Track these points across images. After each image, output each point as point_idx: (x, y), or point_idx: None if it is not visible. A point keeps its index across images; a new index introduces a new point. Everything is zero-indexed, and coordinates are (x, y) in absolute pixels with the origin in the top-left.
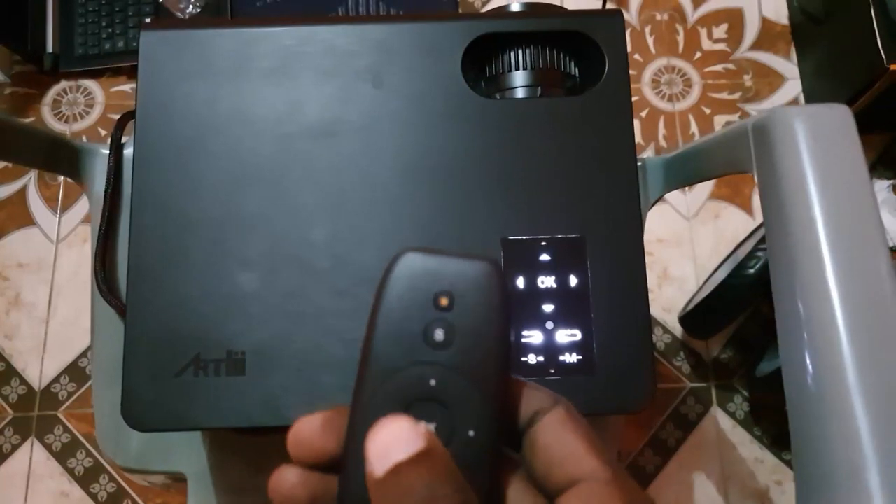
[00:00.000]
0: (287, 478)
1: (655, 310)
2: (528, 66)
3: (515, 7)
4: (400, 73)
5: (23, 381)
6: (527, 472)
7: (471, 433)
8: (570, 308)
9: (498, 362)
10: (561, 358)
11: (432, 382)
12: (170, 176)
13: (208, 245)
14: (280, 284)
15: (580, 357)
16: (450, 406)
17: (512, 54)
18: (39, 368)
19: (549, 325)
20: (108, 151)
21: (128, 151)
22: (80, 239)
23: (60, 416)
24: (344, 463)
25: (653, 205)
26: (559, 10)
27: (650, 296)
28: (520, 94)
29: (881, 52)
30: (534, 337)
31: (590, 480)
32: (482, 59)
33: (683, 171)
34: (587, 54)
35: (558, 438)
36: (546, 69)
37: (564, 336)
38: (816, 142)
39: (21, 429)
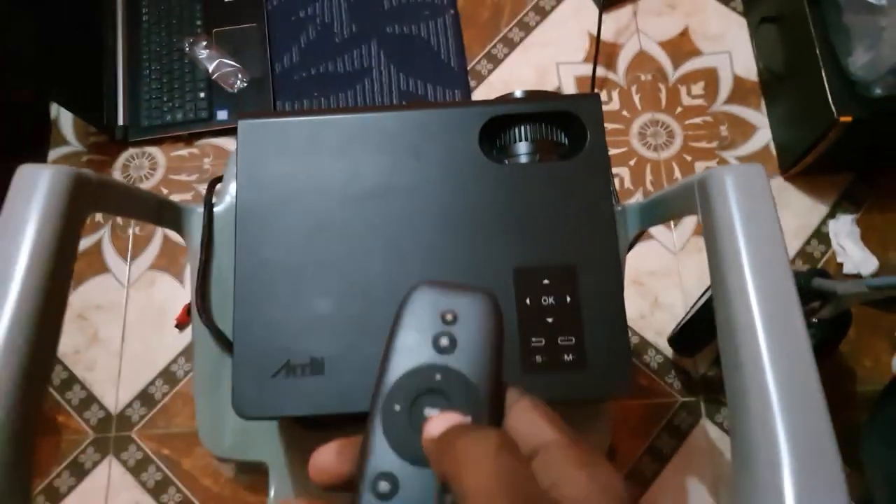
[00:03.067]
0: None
1: (648, 334)
2: (529, 139)
3: (518, 94)
4: (434, 147)
5: (101, 407)
6: None
7: (468, 419)
8: (566, 319)
9: (491, 364)
10: (561, 357)
11: (438, 377)
12: (263, 230)
13: (293, 281)
14: (349, 308)
15: (575, 357)
16: (451, 397)
17: (516, 130)
18: (115, 395)
19: (551, 332)
20: (202, 210)
21: (217, 209)
22: (147, 283)
23: (134, 436)
24: (364, 448)
25: (633, 239)
26: (551, 95)
27: (644, 321)
28: (523, 159)
29: (832, 105)
30: (539, 342)
31: (552, 445)
32: (494, 134)
33: (653, 214)
34: (574, 127)
35: (525, 419)
36: (543, 140)
37: (562, 341)
38: (739, 193)
39: (101, 448)
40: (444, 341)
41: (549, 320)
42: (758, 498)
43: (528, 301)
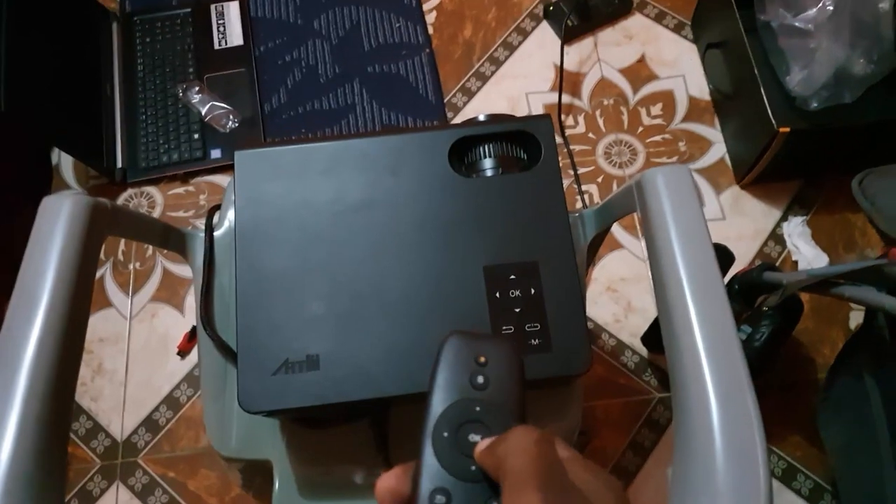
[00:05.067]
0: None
1: (624, 336)
2: (492, 155)
3: (481, 118)
4: (409, 166)
5: (108, 435)
6: None
7: None
8: (532, 309)
9: (518, 397)
10: (528, 342)
11: (477, 409)
12: (260, 244)
13: (289, 286)
14: (339, 308)
15: (540, 340)
16: (489, 425)
17: (481, 148)
18: (121, 423)
19: (519, 320)
20: (203, 234)
21: (216, 234)
22: (148, 315)
23: (140, 461)
24: (417, 469)
25: (594, 239)
26: (510, 118)
27: (619, 325)
28: (489, 173)
29: (772, 119)
30: (510, 329)
31: (567, 459)
32: (462, 152)
33: (605, 215)
34: (530, 144)
35: None
36: (504, 156)
37: (529, 327)
38: (668, 188)
39: (108, 475)
40: (480, 379)
41: (517, 310)
42: (690, 414)
43: (497, 294)
